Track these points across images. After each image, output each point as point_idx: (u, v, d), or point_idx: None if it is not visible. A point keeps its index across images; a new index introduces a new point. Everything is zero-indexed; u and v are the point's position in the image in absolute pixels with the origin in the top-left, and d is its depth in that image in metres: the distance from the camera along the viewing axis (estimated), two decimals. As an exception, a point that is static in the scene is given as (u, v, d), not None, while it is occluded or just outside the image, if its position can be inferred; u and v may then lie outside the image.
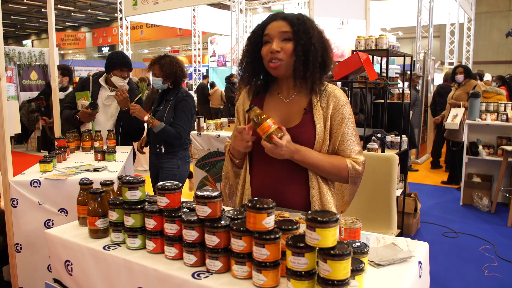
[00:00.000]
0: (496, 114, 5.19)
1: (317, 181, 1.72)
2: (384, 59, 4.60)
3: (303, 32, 1.63)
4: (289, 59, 1.64)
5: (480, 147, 5.23)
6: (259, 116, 1.55)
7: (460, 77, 6.47)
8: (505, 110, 5.21)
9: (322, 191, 1.72)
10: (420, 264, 1.30)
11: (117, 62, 3.34)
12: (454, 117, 5.95)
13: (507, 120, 5.08)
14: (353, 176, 1.70)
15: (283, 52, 1.63)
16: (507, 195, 5.16)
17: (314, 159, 1.65)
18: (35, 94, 9.88)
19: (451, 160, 6.75)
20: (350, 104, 1.77)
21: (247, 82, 1.80)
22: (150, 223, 1.36)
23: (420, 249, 1.37)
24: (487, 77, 9.95)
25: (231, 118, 5.07)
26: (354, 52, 3.87)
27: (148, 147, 3.48)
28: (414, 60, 7.63)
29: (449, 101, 6.49)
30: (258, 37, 1.71)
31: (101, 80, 3.41)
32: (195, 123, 4.77)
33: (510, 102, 5.49)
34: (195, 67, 16.30)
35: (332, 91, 1.73)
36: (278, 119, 1.72)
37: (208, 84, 12.06)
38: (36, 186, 2.31)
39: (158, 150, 3.26)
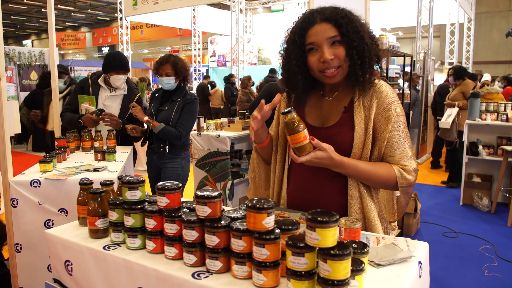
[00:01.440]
0: (496, 114, 5.20)
1: (358, 190, 1.56)
2: (384, 59, 4.60)
3: (353, 32, 1.47)
4: (343, 64, 1.49)
5: (480, 147, 5.23)
6: (295, 122, 1.39)
7: (451, 79, 6.56)
8: (505, 110, 5.22)
9: (365, 200, 1.56)
10: (420, 264, 1.30)
11: (114, 64, 3.34)
12: (448, 116, 5.99)
13: (507, 120, 5.08)
14: (403, 185, 1.53)
15: (337, 58, 1.48)
16: (507, 195, 5.16)
17: (360, 171, 1.50)
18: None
19: (451, 160, 6.77)
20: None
21: (299, 97, 1.62)
22: (150, 223, 1.36)
23: (420, 249, 1.37)
24: (486, 77, 9.95)
25: (231, 118, 5.07)
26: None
27: (146, 147, 3.47)
28: (414, 60, 7.64)
29: (445, 102, 6.55)
30: (301, 46, 1.52)
31: (100, 81, 3.41)
32: (195, 123, 4.77)
33: (510, 102, 5.48)
34: (195, 67, 16.32)
35: (377, 88, 1.55)
36: (317, 116, 1.62)
37: (209, 84, 12.06)
38: (36, 186, 2.31)
39: (162, 150, 3.26)
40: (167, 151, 3.25)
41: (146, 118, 3.15)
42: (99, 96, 3.40)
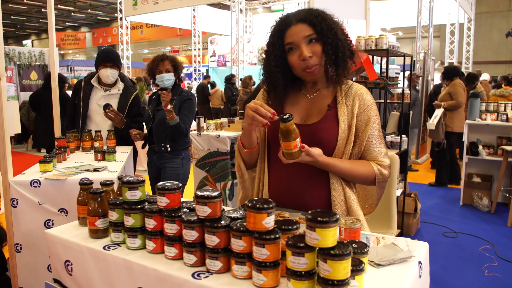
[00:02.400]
0: (496, 114, 5.20)
1: (341, 184, 1.67)
2: (384, 59, 4.60)
3: (327, 30, 1.57)
4: (321, 60, 1.59)
5: (480, 147, 5.23)
6: (291, 130, 1.42)
7: (441, 79, 6.56)
8: (505, 110, 5.22)
9: (347, 194, 1.67)
10: (420, 264, 1.30)
11: (102, 58, 3.34)
12: (435, 117, 6.02)
13: (507, 120, 5.08)
14: (380, 180, 1.65)
15: (315, 56, 1.58)
16: (507, 195, 5.16)
17: (343, 170, 1.60)
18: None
19: (436, 161, 6.78)
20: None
21: (281, 95, 1.69)
22: (150, 223, 1.36)
23: (420, 249, 1.37)
24: (484, 76, 9.95)
25: (231, 118, 5.07)
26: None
27: (147, 147, 3.46)
28: (414, 60, 7.64)
29: (434, 103, 6.57)
30: (280, 48, 1.62)
31: (93, 81, 3.39)
32: (195, 123, 4.77)
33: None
34: (195, 67, 16.31)
35: (357, 90, 1.67)
36: (299, 114, 1.68)
37: (209, 84, 12.06)
38: (36, 186, 2.31)
39: (163, 149, 3.25)
40: (169, 149, 3.24)
41: (169, 106, 3.08)
42: (93, 96, 3.38)
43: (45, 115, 6.05)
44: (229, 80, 11.09)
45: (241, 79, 11.36)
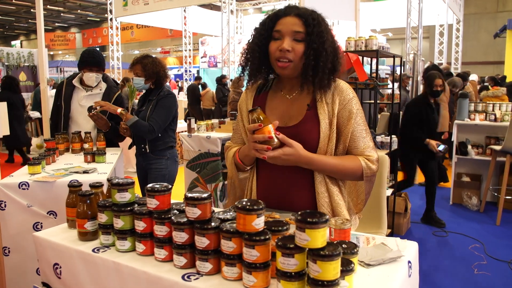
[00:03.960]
0: (484, 114, 5.25)
1: (326, 185, 1.64)
2: (374, 60, 4.62)
3: (317, 35, 1.55)
4: (298, 60, 1.57)
5: (469, 146, 5.28)
6: (261, 118, 1.47)
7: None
8: (493, 110, 5.27)
9: (332, 194, 1.64)
10: (409, 264, 1.31)
11: (87, 61, 3.30)
12: None
13: (495, 120, 5.13)
14: (368, 175, 1.62)
15: (293, 52, 1.55)
16: (495, 194, 5.21)
17: (328, 166, 1.58)
18: (24, 95, 9.81)
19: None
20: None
21: (251, 76, 1.70)
22: (140, 225, 1.35)
23: (409, 249, 1.38)
24: (473, 77, 10.04)
25: (222, 119, 5.06)
26: (344, 53, 3.89)
27: (135, 148, 3.44)
28: (404, 61, 7.69)
29: None
30: (268, 30, 1.61)
31: (75, 81, 3.36)
32: (186, 124, 4.76)
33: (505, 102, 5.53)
34: (186, 68, 16.27)
35: (336, 86, 1.64)
36: (279, 116, 1.66)
37: (200, 85, 12.03)
38: (24, 189, 2.28)
39: (143, 150, 3.25)
40: (148, 150, 3.23)
41: (119, 110, 3.07)
42: (74, 97, 3.35)
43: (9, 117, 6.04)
44: (220, 80, 11.06)
45: (231, 80, 11.35)
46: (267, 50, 1.62)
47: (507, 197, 4.85)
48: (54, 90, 8.62)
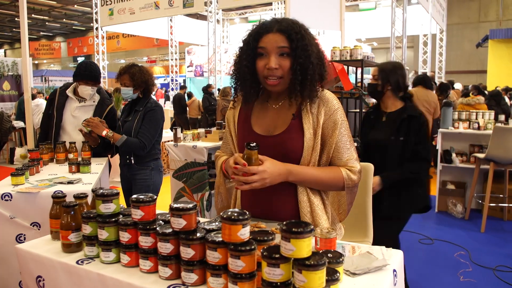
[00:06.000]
0: (468, 122, 5.33)
1: (307, 195, 1.64)
2: (359, 69, 4.67)
3: (302, 49, 1.55)
4: (286, 75, 1.58)
5: (454, 154, 5.34)
6: (254, 160, 1.49)
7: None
8: (476, 119, 5.35)
9: (313, 205, 1.64)
10: (395, 272, 1.32)
11: (83, 74, 3.30)
12: None
13: (479, 128, 5.21)
14: (349, 186, 1.63)
15: (281, 69, 1.56)
16: (480, 201, 5.28)
17: (309, 176, 1.58)
18: (7, 104, 9.68)
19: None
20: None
21: (245, 98, 1.71)
22: (125, 236, 1.34)
23: (394, 257, 1.39)
24: (457, 86, 10.21)
25: (209, 129, 5.05)
26: (330, 63, 3.93)
27: (119, 159, 3.42)
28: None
29: None
30: (253, 49, 1.61)
31: (69, 92, 3.34)
32: (173, 134, 4.74)
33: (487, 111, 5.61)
34: (172, 77, 16.25)
35: (322, 96, 1.64)
36: (265, 125, 1.67)
37: (185, 94, 12.01)
38: (7, 200, 2.25)
39: (128, 161, 3.23)
40: (133, 162, 3.21)
41: (104, 132, 3.07)
42: (67, 107, 3.33)
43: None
44: (206, 89, 11.06)
45: (218, 89, 11.35)
46: (255, 67, 1.62)
47: (491, 204, 4.91)
48: (39, 99, 8.52)
